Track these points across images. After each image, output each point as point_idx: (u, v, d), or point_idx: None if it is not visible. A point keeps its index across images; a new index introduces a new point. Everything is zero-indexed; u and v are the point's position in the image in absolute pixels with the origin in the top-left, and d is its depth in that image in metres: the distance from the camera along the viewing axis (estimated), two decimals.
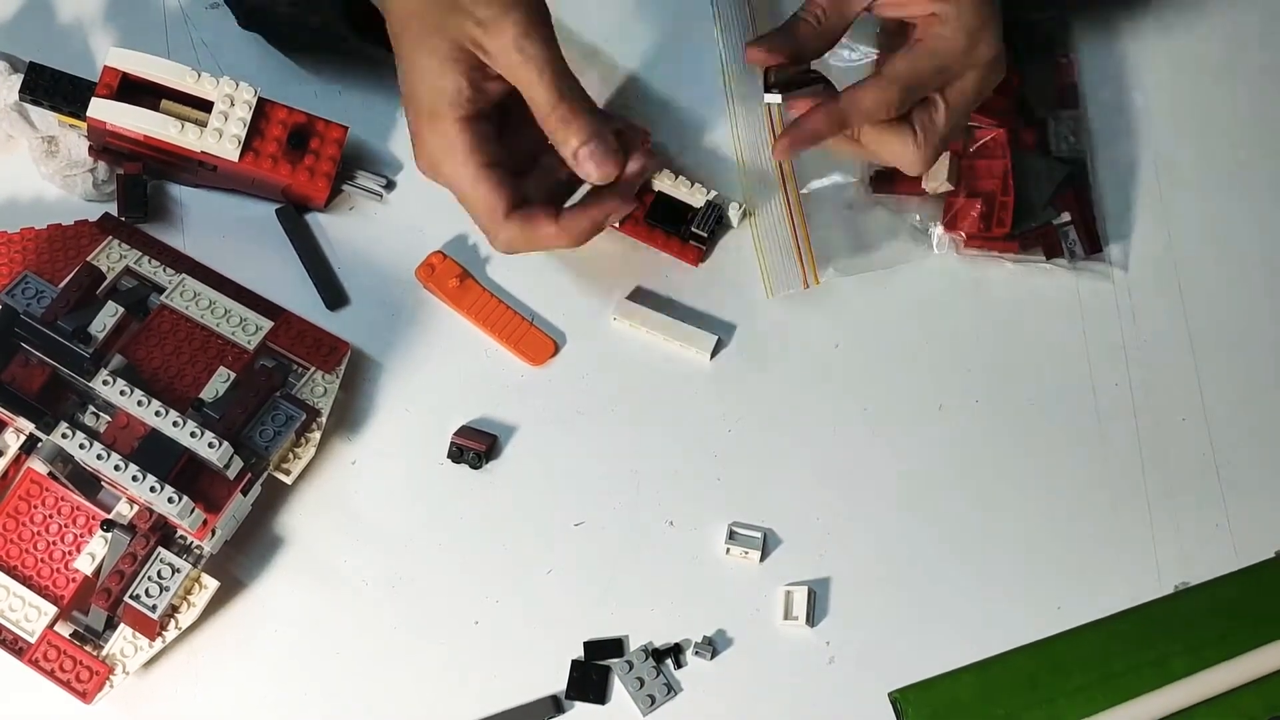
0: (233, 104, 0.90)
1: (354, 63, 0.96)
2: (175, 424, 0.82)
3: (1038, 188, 0.94)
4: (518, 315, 0.92)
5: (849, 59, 0.95)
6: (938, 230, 0.93)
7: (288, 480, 0.86)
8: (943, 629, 0.86)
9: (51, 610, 0.83)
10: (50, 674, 0.82)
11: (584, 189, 0.87)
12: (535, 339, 0.92)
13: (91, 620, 0.83)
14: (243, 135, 0.90)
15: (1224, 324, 0.93)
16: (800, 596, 0.86)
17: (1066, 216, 0.94)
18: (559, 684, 0.85)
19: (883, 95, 0.82)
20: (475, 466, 0.89)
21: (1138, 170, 0.97)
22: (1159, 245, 0.95)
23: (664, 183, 0.94)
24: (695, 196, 0.93)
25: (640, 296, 0.93)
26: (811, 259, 0.93)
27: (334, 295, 0.93)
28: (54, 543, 0.84)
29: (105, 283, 0.88)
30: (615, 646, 0.85)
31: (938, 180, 0.91)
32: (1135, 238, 0.95)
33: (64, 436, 0.81)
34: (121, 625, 0.83)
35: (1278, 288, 0.94)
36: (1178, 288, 0.94)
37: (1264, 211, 0.96)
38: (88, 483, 0.85)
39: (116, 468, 0.81)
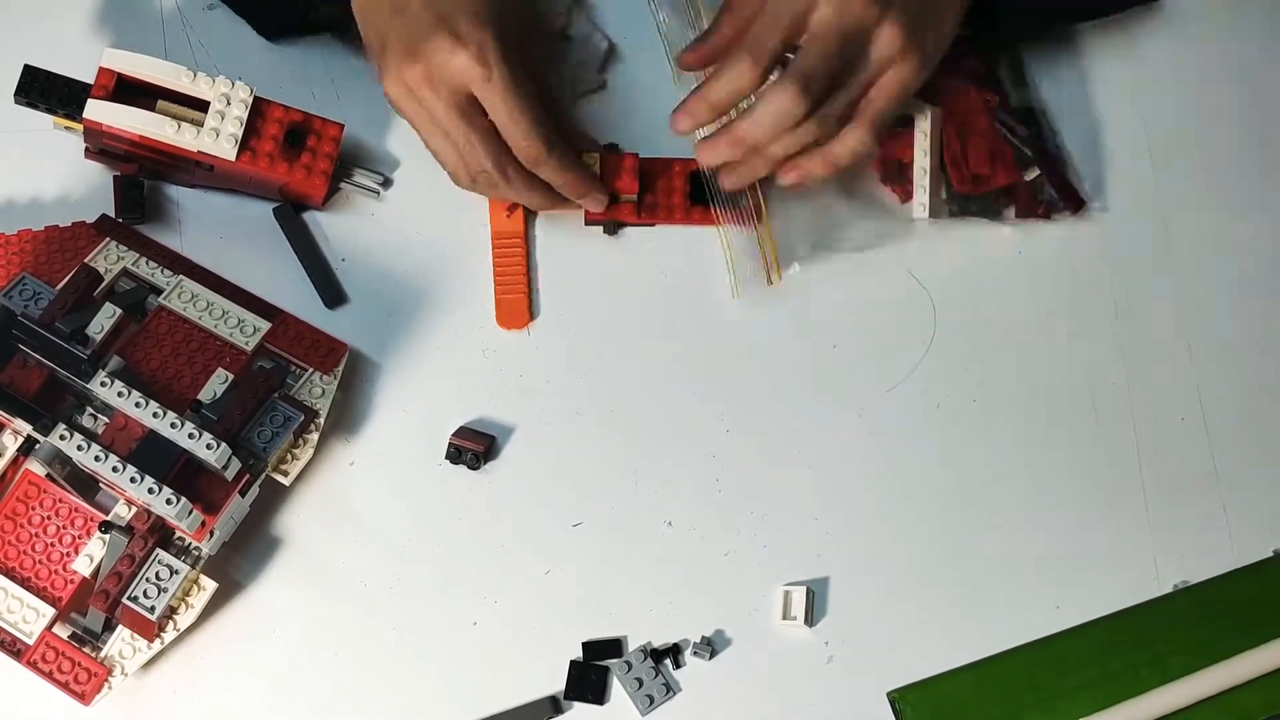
0: (229, 103, 0.90)
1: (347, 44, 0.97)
2: (173, 425, 0.82)
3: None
4: (525, 276, 0.92)
5: None
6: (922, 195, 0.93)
7: (286, 481, 0.86)
8: (941, 628, 0.86)
9: (50, 612, 0.83)
10: (49, 676, 0.82)
11: None
12: (517, 305, 0.92)
13: (90, 622, 0.83)
14: (239, 134, 0.90)
15: (1222, 323, 0.93)
16: (799, 596, 0.86)
17: (1035, 172, 0.94)
18: (558, 684, 0.85)
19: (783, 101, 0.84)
20: (473, 467, 0.89)
21: (1133, 164, 0.97)
22: (1158, 242, 0.95)
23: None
24: None
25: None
26: (774, 254, 0.92)
27: (332, 294, 0.93)
28: (52, 544, 0.84)
29: (103, 284, 0.88)
30: (614, 647, 0.85)
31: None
32: (1131, 232, 0.95)
33: (62, 438, 0.81)
34: (120, 627, 0.83)
35: (1276, 286, 0.94)
36: (1175, 288, 0.94)
37: (1263, 208, 0.96)
38: (86, 484, 0.85)
39: (114, 469, 0.81)
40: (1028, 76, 0.97)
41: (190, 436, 0.81)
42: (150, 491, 0.80)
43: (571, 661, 0.85)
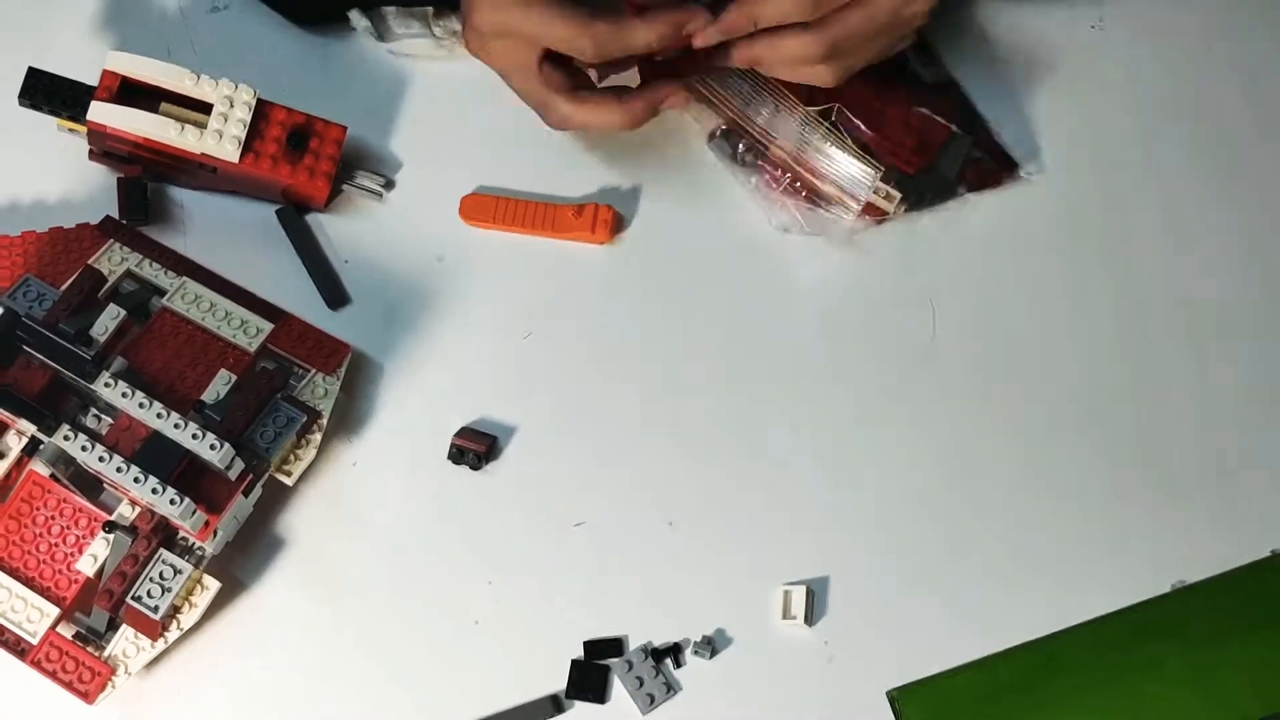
0: (232, 105, 0.90)
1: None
2: (177, 426, 0.82)
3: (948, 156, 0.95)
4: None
5: None
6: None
7: (289, 482, 0.86)
8: (941, 628, 0.86)
9: (54, 611, 0.83)
10: (53, 675, 0.82)
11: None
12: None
13: (94, 621, 0.84)
14: (242, 136, 0.90)
15: (1223, 323, 0.93)
16: (799, 596, 0.86)
17: (968, 141, 0.95)
18: (559, 684, 0.85)
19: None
20: (475, 467, 0.89)
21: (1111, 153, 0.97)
22: (1167, 243, 0.95)
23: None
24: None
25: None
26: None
27: (335, 295, 0.93)
28: (56, 544, 0.85)
29: (106, 285, 0.89)
30: (615, 646, 0.86)
31: None
32: (1137, 222, 0.96)
33: (66, 439, 0.82)
34: (123, 626, 0.83)
35: (1277, 285, 0.94)
36: (1176, 288, 0.94)
37: (1262, 204, 0.96)
38: (90, 485, 0.85)
39: (118, 470, 0.81)
40: (935, 52, 0.98)
41: (194, 437, 0.82)
42: (154, 492, 0.81)
43: (573, 661, 0.85)
